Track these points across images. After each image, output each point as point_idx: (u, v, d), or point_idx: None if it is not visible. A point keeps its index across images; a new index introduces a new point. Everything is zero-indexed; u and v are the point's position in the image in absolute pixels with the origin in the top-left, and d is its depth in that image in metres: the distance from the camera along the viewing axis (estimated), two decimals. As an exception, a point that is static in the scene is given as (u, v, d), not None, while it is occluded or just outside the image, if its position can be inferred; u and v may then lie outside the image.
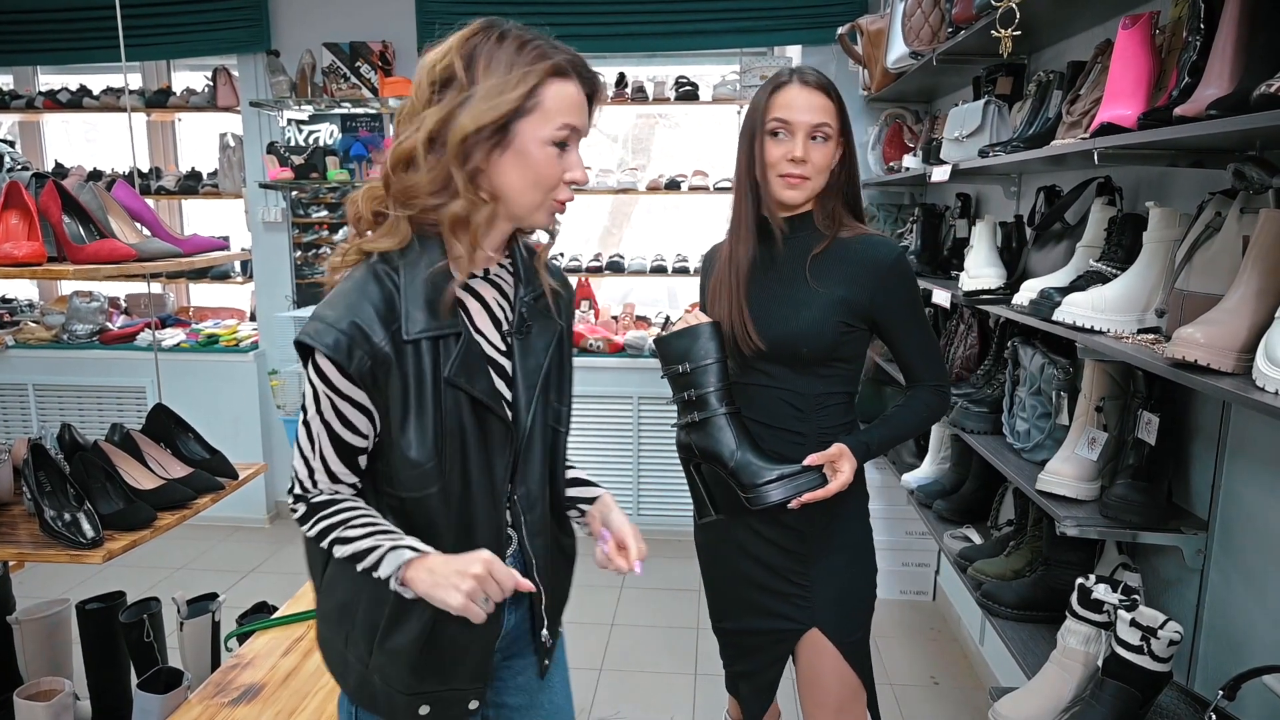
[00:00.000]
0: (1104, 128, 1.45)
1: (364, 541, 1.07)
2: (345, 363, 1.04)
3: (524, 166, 1.07)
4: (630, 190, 4.01)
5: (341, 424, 1.09)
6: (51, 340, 4.15)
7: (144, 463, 1.95)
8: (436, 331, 1.08)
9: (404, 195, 1.07)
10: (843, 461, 1.47)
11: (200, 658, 2.26)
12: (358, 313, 1.05)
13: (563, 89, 1.07)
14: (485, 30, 1.07)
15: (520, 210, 1.11)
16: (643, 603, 3.39)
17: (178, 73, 4.44)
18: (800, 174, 1.51)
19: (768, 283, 1.57)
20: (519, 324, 1.17)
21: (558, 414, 1.24)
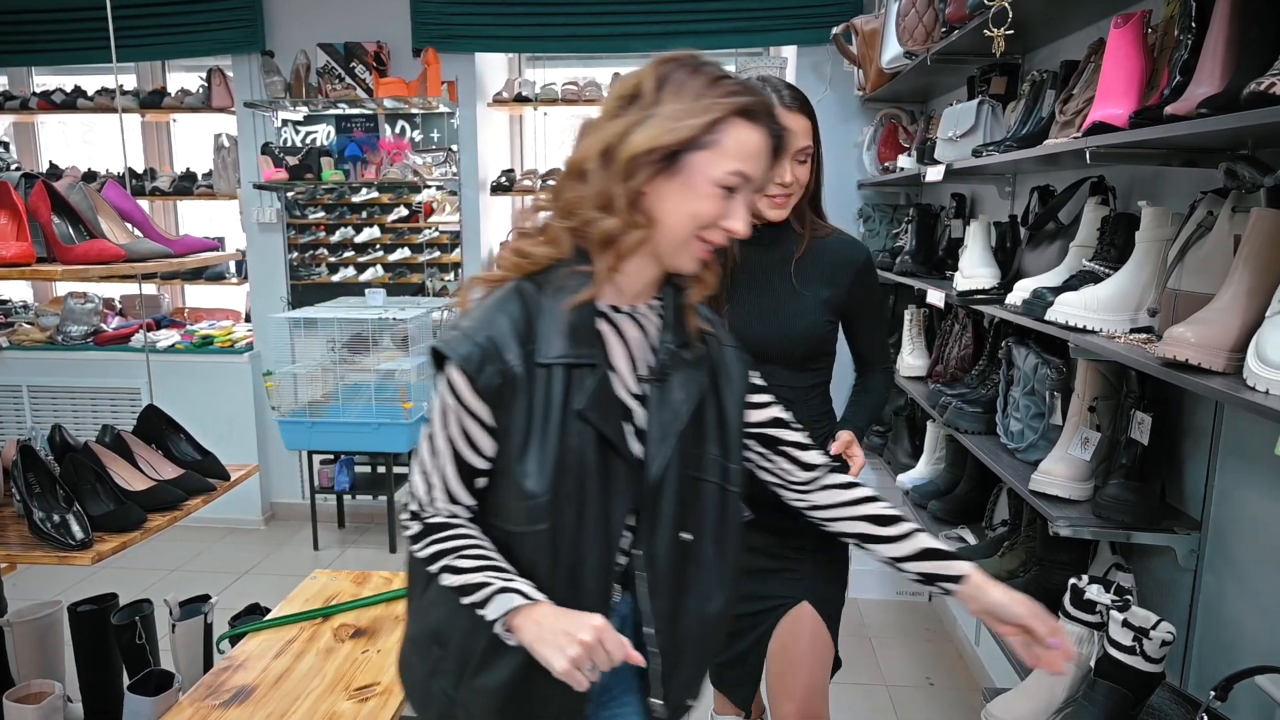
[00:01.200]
0: (1096, 127, 1.45)
1: (475, 575, 1.02)
2: (475, 375, 1.02)
3: (684, 199, 1.03)
4: (626, 191, 4.01)
5: (466, 441, 1.06)
6: (46, 341, 4.14)
7: (135, 464, 1.94)
8: (573, 359, 1.04)
9: (570, 206, 1.06)
10: (854, 446, 1.58)
11: (192, 660, 2.26)
12: (494, 327, 1.03)
13: (746, 133, 1.03)
14: (686, 59, 1.06)
15: (667, 244, 1.06)
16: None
17: (172, 74, 4.43)
18: (786, 194, 1.57)
19: (757, 290, 1.62)
20: (658, 370, 1.12)
21: (723, 470, 1.17)
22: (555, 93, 3.94)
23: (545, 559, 1.06)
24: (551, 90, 3.94)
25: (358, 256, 4.13)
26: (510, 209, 4.41)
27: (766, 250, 1.61)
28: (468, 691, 1.11)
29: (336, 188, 4.02)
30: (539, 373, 1.03)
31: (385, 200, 4.09)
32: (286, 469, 4.26)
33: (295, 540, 4.05)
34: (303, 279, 4.16)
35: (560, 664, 0.93)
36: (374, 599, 2.24)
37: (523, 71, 4.27)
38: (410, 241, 4.12)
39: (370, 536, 4.10)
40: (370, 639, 2.06)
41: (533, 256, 1.07)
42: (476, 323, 1.04)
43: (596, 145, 1.03)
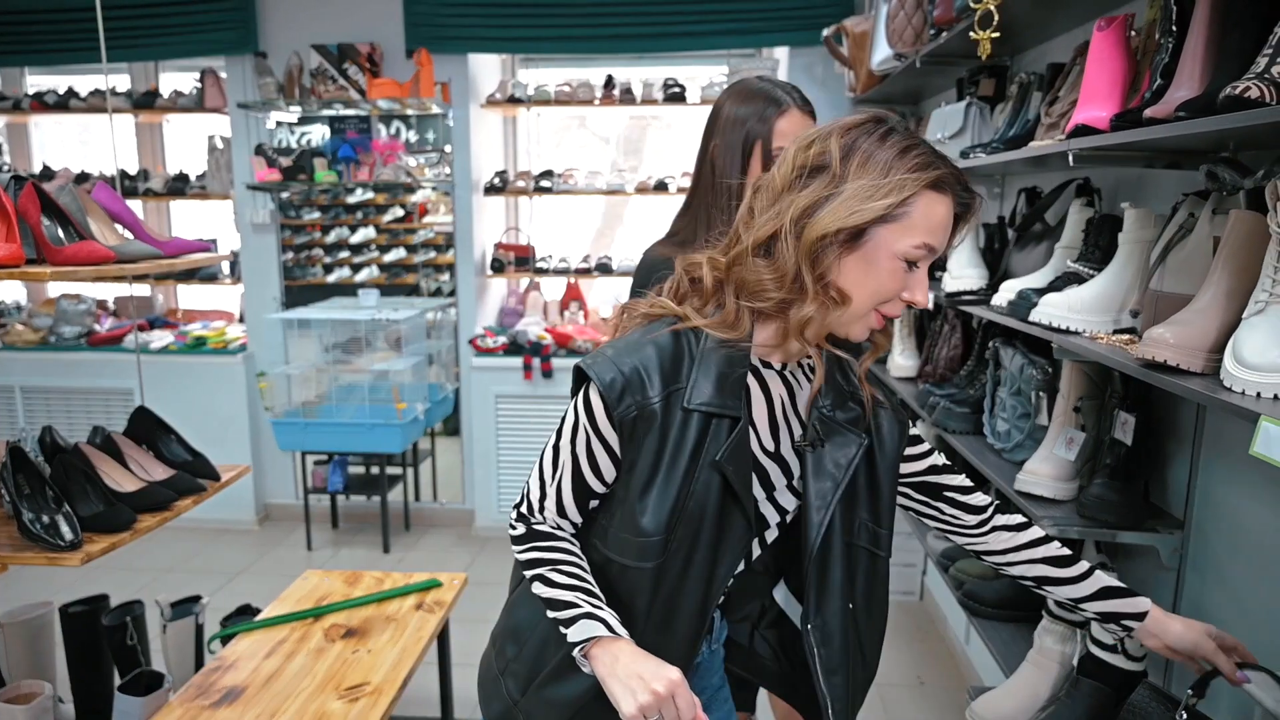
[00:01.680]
0: (1079, 129, 1.46)
1: (567, 593, 1.01)
2: (614, 404, 1.01)
3: (866, 274, 1.00)
4: (619, 192, 4.02)
5: (588, 462, 1.06)
6: (39, 342, 4.14)
7: (125, 465, 1.94)
8: (717, 409, 1.03)
9: (753, 287, 1.03)
10: None
11: (183, 660, 2.26)
12: (643, 360, 1.03)
13: (935, 206, 0.99)
14: (872, 124, 1.01)
15: (846, 317, 1.03)
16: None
17: (165, 74, 4.43)
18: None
19: None
20: (812, 436, 1.09)
21: (873, 536, 1.14)
22: (548, 94, 3.94)
23: (644, 597, 1.06)
24: (545, 91, 3.95)
25: (353, 257, 4.14)
26: (504, 210, 4.42)
27: None
28: (533, 699, 1.11)
29: (331, 188, 4.02)
30: (678, 414, 1.02)
31: (381, 201, 4.10)
32: (280, 470, 4.26)
33: (289, 541, 4.05)
34: (297, 280, 4.16)
35: (629, 708, 0.91)
36: (365, 599, 2.25)
37: (516, 73, 4.27)
38: (406, 242, 4.13)
39: (364, 537, 4.10)
40: (361, 639, 2.06)
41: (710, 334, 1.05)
42: (626, 351, 1.04)
43: (786, 221, 0.99)
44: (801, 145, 1.02)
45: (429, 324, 4.05)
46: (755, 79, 1.61)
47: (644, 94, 3.92)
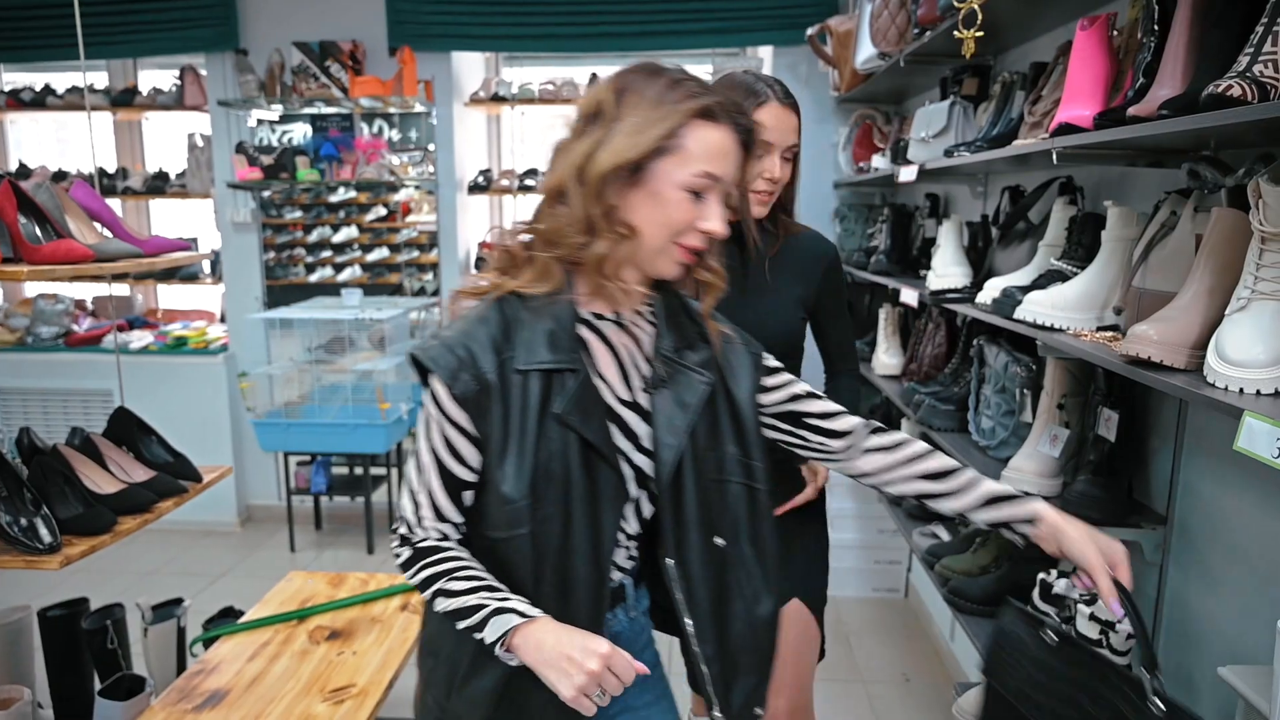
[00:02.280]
0: (1062, 128, 1.47)
1: (469, 598, 1.00)
2: (451, 384, 1.02)
3: (654, 207, 1.03)
4: (603, 190, 4.01)
5: (449, 452, 1.05)
6: (15, 343, 4.08)
7: (105, 466, 1.92)
8: (551, 365, 1.04)
9: (553, 235, 1.05)
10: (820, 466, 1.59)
11: (165, 664, 2.23)
12: (472, 338, 1.04)
13: (708, 134, 1.02)
14: (644, 66, 1.06)
15: (644, 253, 1.06)
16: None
17: (144, 71, 4.38)
18: (770, 191, 1.57)
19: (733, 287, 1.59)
20: (654, 380, 1.11)
21: (746, 469, 1.16)
22: (532, 92, 3.93)
23: (528, 567, 1.05)
24: (529, 90, 3.93)
25: (335, 256, 4.11)
26: (488, 208, 4.40)
27: (738, 248, 1.60)
28: (456, 702, 1.10)
29: (313, 187, 3.99)
30: (515, 379, 1.03)
31: (364, 200, 4.07)
32: (262, 471, 4.22)
33: (271, 542, 4.02)
34: (279, 279, 4.13)
35: (568, 692, 0.92)
36: (349, 600, 2.23)
37: (500, 71, 4.26)
38: (389, 241, 4.10)
39: (347, 538, 4.07)
40: (346, 641, 2.05)
41: (526, 292, 1.07)
42: (457, 334, 1.05)
43: (568, 169, 1.03)
44: (583, 98, 1.08)
45: (413, 324, 4.03)
46: (740, 72, 1.61)
47: (628, 93, 3.91)
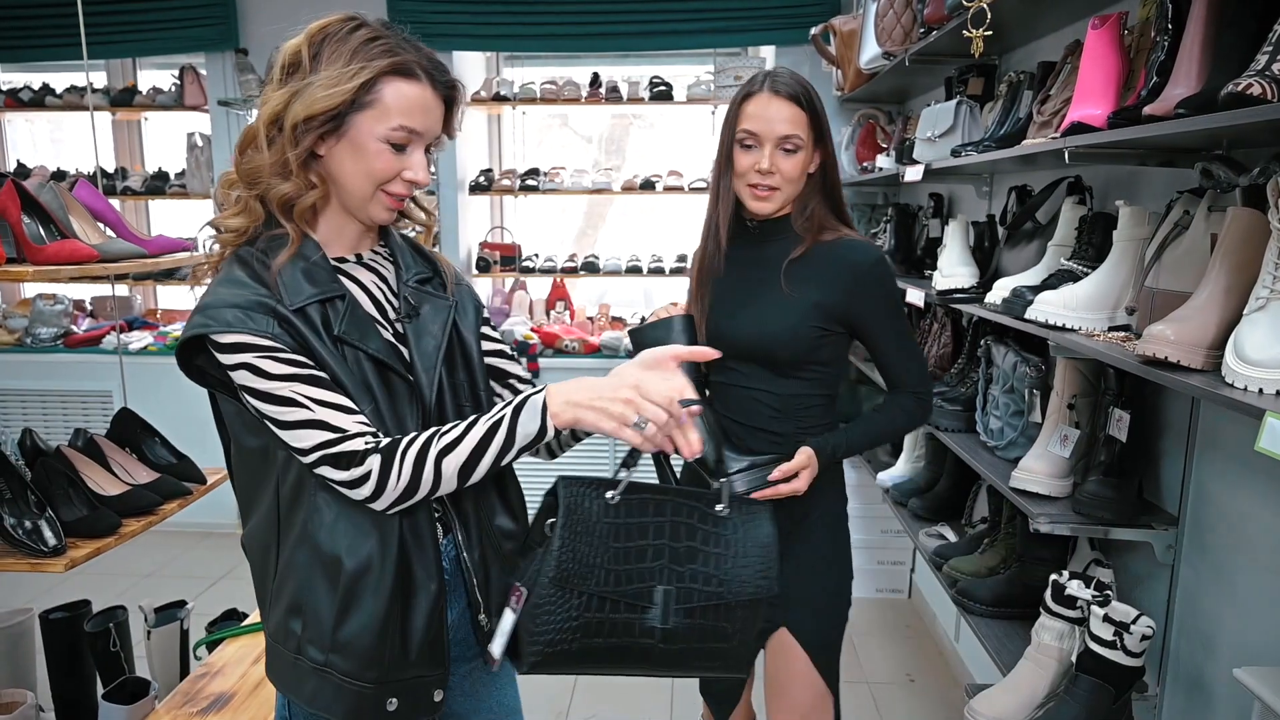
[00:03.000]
0: (1074, 127, 1.46)
1: (479, 429, 1.04)
2: (256, 329, 1.02)
3: (356, 159, 1.08)
4: (605, 190, 4.00)
5: (298, 366, 1.04)
6: (14, 344, 4.06)
7: (108, 468, 1.91)
8: (320, 295, 1.08)
9: (250, 176, 1.09)
10: (804, 473, 1.48)
11: (169, 667, 2.22)
12: (240, 290, 1.05)
13: (404, 89, 1.07)
14: (342, 21, 1.09)
15: (352, 201, 1.12)
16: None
17: (144, 71, 4.36)
18: (769, 185, 1.51)
19: (743, 285, 1.57)
20: (405, 308, 1.18)
21: (474, 396, 1.21)
22: (534, 92, 3.92)
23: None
24: (530, 89, 3.92)
25: (334, 257, 4.08)
26: (489, 208, 4.39)
27: (759, 245, 1.58)
28: (335, 652, 1.09)
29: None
30: (295, 317, 1.06)
31: (362, 200, 4.04)
32: (263, 472, 4.20)
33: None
34: (278, 280, 4.10)
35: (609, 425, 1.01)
36: (354, 603, 2.22)
37: (501, 70, 4.24)
38: (388, 241, 4.08)
39: (348, 539, 4.05)
40: (350, 643, 2.03)
41: (230, 227, 1.11)
42: (220, 296, 1.05)
43: (266, 115, 1.07)
44: (284, 49, 1.10)
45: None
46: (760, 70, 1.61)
47: (630, 92, 3.91)
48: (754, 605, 1.10)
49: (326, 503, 1.09)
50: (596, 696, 2.76)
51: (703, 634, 1.07)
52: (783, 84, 1.50)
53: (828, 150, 1.55)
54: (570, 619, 1.02)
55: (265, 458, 1.11)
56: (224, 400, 1.15)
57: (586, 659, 1.05)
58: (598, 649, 1.04)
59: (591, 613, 1.02)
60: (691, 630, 1.06)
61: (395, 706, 1.11)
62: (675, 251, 4.15)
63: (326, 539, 1.08)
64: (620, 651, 1.05)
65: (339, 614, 1.08)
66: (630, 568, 1.04)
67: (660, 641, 1.05)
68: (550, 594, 1.00)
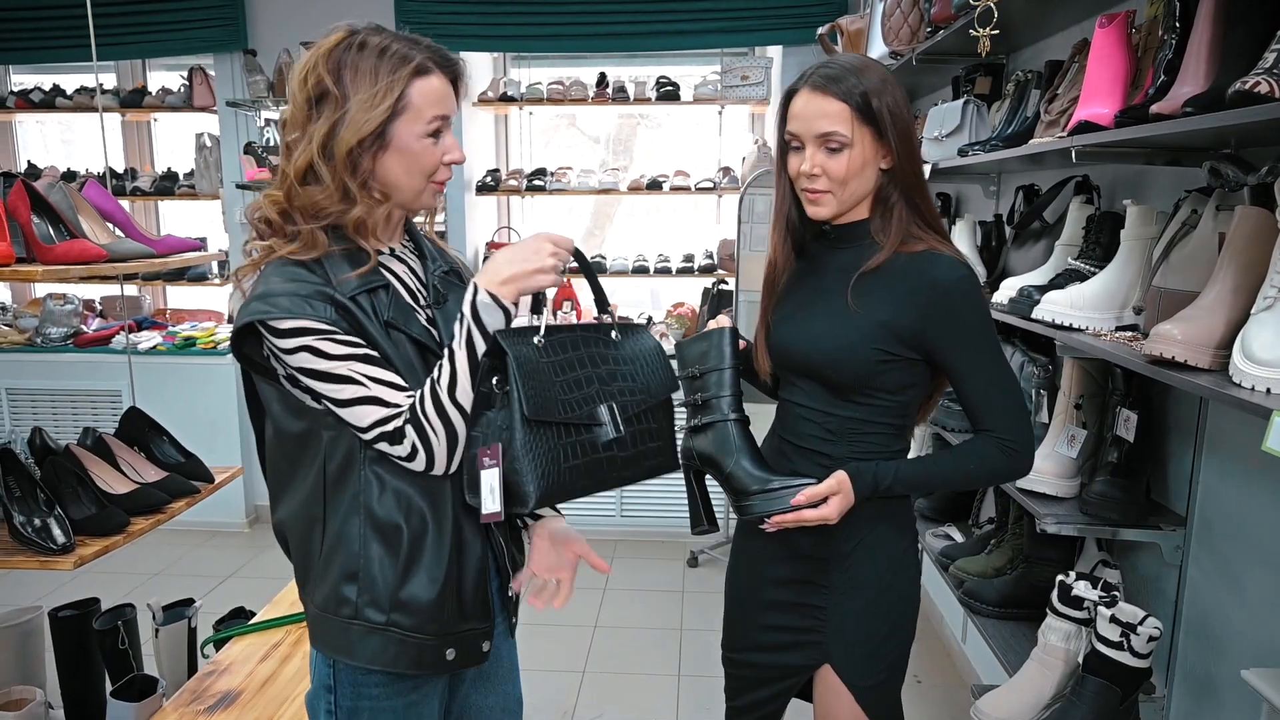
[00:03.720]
0: (1081, 126, 1.46)
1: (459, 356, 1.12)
2: (315, 315, 1.09)
3: (406, 161, 1.16)
4: (612, 191, 4.01)
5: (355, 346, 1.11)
6: (25, 344, 4.08)
7: (117, 466, 1.92)
8: (368, 285, 1.15)
9: (311, 209, 1.14)
10: (834, 498, 1.29)
11: (176, 665, 2.23)
12: (297, 279, 1.12)
13: (427, 85, 1.15)
14: (346, 41, 1.15)
15: (408, 198, 1.20)
16: (626, 604, 3.38)
17: (153, 72, 4.38)
18: (816, 189, 1.33)
19: (809, 294, 1.42)
20: (435, 296, 1.26)
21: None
22: (540, 92, 3.92)
23: None
24: (537, 90, 3.93)
25: (342, 257, 4.09)
26: (496, 209, 4.40)
27: (834, 252, 1.40)
28: (398, 611, 1.17)
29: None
30: (349, 305, 1.13)
31: (369, 200, 4.05)
32: (270, 471, 4.21)
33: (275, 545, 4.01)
34: (286, 280, 4.11)
35: (548, 280, 1.14)
36: (360, 601, 2.22)
37: (508, 71, 4.25)
38: (395, 242, 4.09)
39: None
40: (357, 642, 2.04)
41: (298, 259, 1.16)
42: (277, 285, 1.11)
43: (315, 148, 1.12)
44: (298, 79, 1.15)
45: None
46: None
47: (637, 92, 3.91)
48: (667, 402, 1.30)
49: (379, 475, 1.16)
50: (603, 696, 2.77)
51: (642, 436, 1.24)
52: (824, 76, 1.31)
53: (899, 144, 1.31)
54: (551, 449, 1.14)
55: (307, 441, 1.17)
56: (265, 386, 1.20)
57: (572, 482, 1.16)
58: (574, 471, 1.16)
59: (563, 439, 1.15)
60: (635, 435, 1.22)
61: (453, 656, 1.22)
62: (682, 251, 4.15)
63: (381, 509, 1.16)
64: (592, 468, 1.18)
65: (401, 575, 1.17)
66: (576, 394, 1.17)
67: (618, 451, 1.21)
68: (529, 434, 1.11)
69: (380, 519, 1.16)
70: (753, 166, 3.80)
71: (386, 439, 1.12)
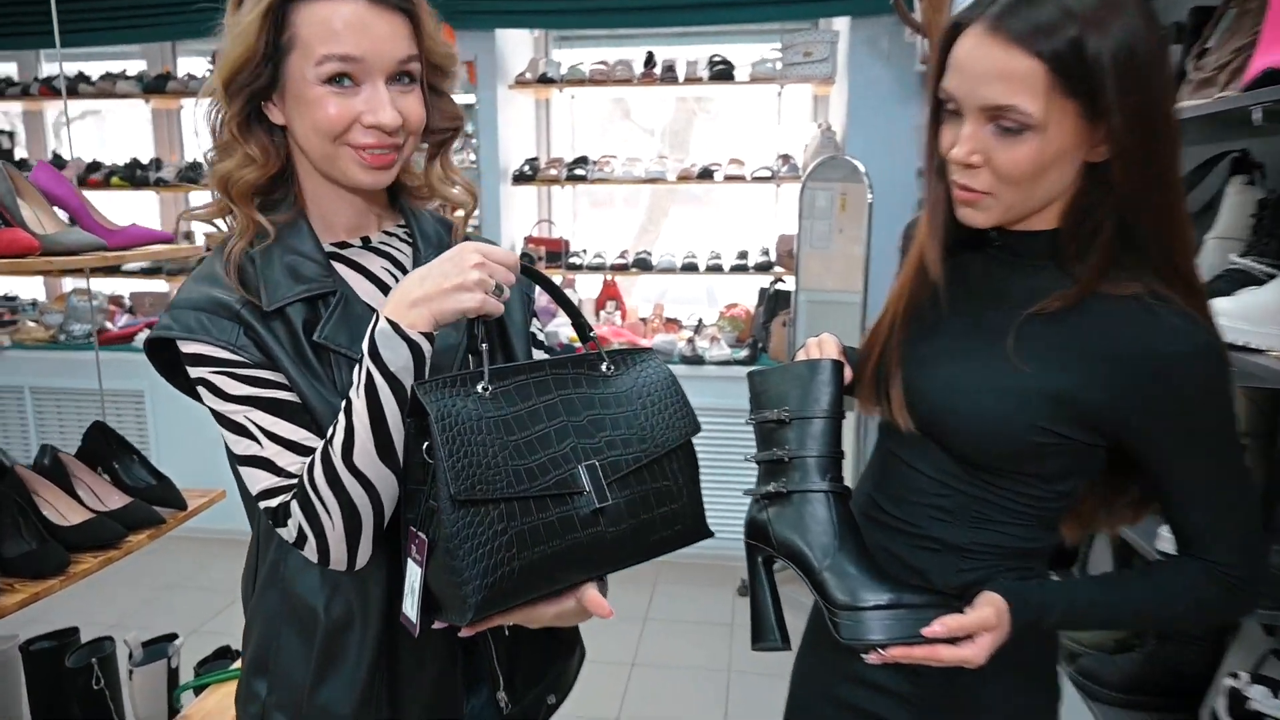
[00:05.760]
0: (1266, 76, 1.08)
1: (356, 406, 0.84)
2: (216, 339, 0.88)
3: (300, 112, 0.90)
4: (659, 180, 3.68)
5: (259, 386, 0.89)
6: (49, 340, 3.94)
7: (73, 492, 1.67)
8: (304, 293, 0.92)
9: (221, 183, 0.93)
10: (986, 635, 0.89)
11: (153, 710, 1.99)
12: (207, 287, 0.91)
13: (317, 11, 0.87)
14: None
15: (321, 167, 0.94)
16: (668, 639, 3.05)
17: (183, 58, 4.20)
18: (973, 186, 0.90)
19: (957, 326, 0.99)
20: None
21: None
22: (583, 73, 3.62)
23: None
24: (579, 71, 3.62)
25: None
26: (535, 200, 4.11)
27: (1003, 271, 0.97)
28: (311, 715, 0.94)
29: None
30: (274, 320, 0.90)
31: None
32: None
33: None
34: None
35: (472, 299, 0.83)
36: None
37: (550, 51, 3.96)
38: (428, 236, 3.84)
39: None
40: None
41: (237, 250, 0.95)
42: (186, 296, 0.92)
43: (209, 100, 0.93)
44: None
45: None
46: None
47: (688, 73, 3.58)
48: (686, 449, 0.96)
49: None
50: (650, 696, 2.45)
51: (647, 501, 0.91)
52: (1012, 15, 0.84)
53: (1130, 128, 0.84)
54: (496, 537, 0.81)
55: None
56: None
57: (534, 577, 0.83)
58: (542, 561, 0.83)
59: (517, 522, 0.82)
60: (634, 501, 0.89)
61: None
62: (737, 248, 3.80)
63: (301, 585, 0.94)
64: (568, 555, 0.85)
65: (315, 676, 0.93)
66: (538, 459, 0.85)
67: (608, 525, 0.87)
68: (459, 519, 0.79)
69: (297, 599, 0.93)
70: (815, 153, 3.44)
71: (270, 516, 0.88)
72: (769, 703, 1.23)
